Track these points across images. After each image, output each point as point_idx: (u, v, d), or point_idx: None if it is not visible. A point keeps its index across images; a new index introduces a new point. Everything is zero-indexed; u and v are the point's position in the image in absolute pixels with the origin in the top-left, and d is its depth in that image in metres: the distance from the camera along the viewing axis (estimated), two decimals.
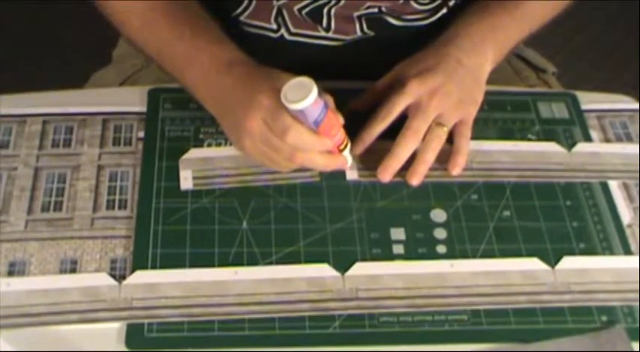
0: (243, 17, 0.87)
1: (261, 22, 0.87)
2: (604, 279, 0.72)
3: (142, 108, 0.82)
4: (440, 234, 0.74)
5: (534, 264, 0.73)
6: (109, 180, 0.76)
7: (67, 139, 0.79)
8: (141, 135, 0.80)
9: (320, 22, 0.85)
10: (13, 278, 0.69)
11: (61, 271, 0.69)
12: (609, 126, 0.85)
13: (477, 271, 0.72)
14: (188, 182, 0.76)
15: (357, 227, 0.74)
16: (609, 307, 0.70)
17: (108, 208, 0.74)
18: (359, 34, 0.87)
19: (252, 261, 0.71)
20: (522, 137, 0.83)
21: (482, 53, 0.80)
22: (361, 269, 0.71)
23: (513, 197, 0.77)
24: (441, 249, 0.73)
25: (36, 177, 0.76)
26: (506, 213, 0.76)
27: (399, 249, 0.73)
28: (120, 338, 0.66)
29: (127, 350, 0.65)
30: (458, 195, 0.77)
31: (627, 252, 0.74)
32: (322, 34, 0.87)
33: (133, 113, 0.82)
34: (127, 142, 0.79)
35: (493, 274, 0.72)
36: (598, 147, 0.83)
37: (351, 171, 0.78)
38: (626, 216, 0.77)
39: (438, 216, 0.76)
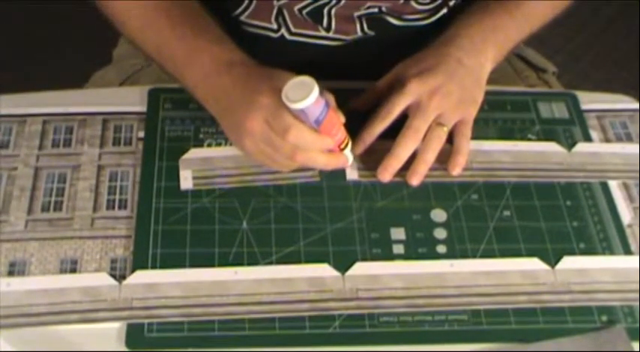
0: (244, 17, 0.87)
1: (262, 22, 0.87)
2: (604, 279, 0.72)
3: (142, 108, 0.82)
4: (440, 233, 0.74)
5: (534, 263, 0.73)
6: (109, 179, 0.76)
7: (67, 139, 0.79)
8: (141, 135, 0.80)
9: (320, 22, 0.85)
10: (13, 278, 0.69)
11: (61, 271, 0.69)
12: (609, 126, 0.85)
13: (477, 271, 0.72)
14: (188, 182, 0.76)
15: (357, 227, 0.74)
16: (609, 307, 0.70)
17: (108, 208, 0.74)
18: (359, 34, 0.87)
19: (253, 261, 0.71)
20: (522, 137, 0.83)
21: (483, 53, 0.80)
22: (361, 269, 0.71)
23: (513, 197, 0.77)
24: (441, 248, 0.73)
25: (36, 177, 0.76)
26: (506, 213, 0.76)
27: (399, 248, 0.73)
28: (120, 338, 0.66)
29: (127, 350, 0.65)
30: (458, 195, 0.77)
31: (627, 252, 0.74)
32: (323, 33, 0.87)
33: (133, 113, 0.82)
34: (127, 142, 0.79)
35: (493, 274, 0.72)
36: (598, 147, 0.83)
37: (351, 171, 0.78)
38: (626, 216, 0.77)
39: (438, 215, 0.76)
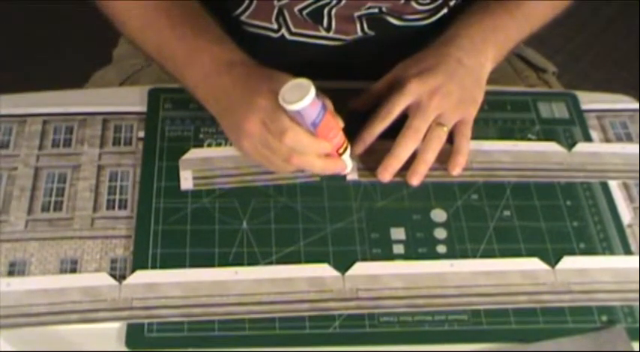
0: (244, 17, 0.87)
1: (262, 22, 0.87)
2: (604, 279, 0.72)
3: (142, 108, 0.82)
4: (440, 233, 0.74)
5: (534, 263, 0.73)
6: (109, 179, 0.76)
7: (67, 139, 0.79)
8: (141, 135, 0.80)
9: (321, 22, 0.85)
10: (13, 278, 0.69)
11: (61, 271, 0.69)
12: (609, 126, 0.85)
13: (477, 271, 0.72)
14: (188, 182, 0.76)
15: (357, 227, 0.74)
16: (609, 307, 0.70)
17: (108, 208, 0.74)
18: (359, 34, 0.87)
19: (253, 261, 0.71)
20: (522, 137, 0.83)
21: (483, 53, 0.80)
22: (361, 269, 0.71)
23: (513, 197, 0.77)
24: (441, 248, 0.73)
25: (36, 177, 0.76)
26: (506, 213, 0.76)
27: (399, 248, 0.73)
28: (120, 338, 0.66)
29: (127, 350, 0.65)
30: (458, 195, 0.77)
31: (627, 251, 0.74)
32: (323, 34, 0.87)
33: (133, 113, 0.82)
34: (127, 142, 0.79)
35: (493, 274, 0.72)
36: (598, 147, 0.83)
37: (351, 171, 0.78)
38: (626, 215, 0.77)
39: (438, 215, 0.76)
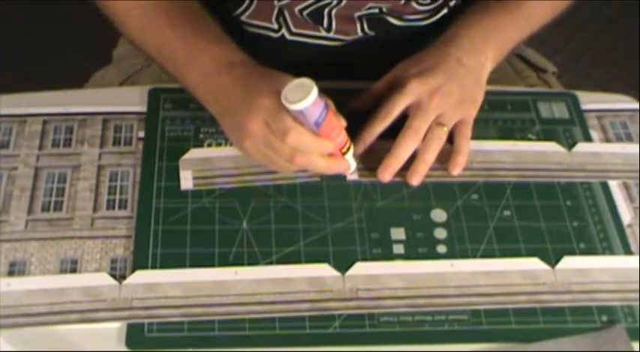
0: (244, 17, 0.87)
1: (263, 22, 0.87)
2: (604, 279, 0.72)
3: (142, 108, 0.82)
4: (440, 233, 0.74)
5: (534, 263, 0.73)
6: (110, 179, 0.76)
7: (67, 139, 0.79)
8: (141, 135, 0.80)
9: (321, 23, 0.85)
10: (13, 278, 0.69)
11: (62, 271, 0.69)
12: (609, 126, 0.85)
13: (477, 271, 0.72)
14: (188, 182, 0.76)
15: (357, 227, 0.74)
16: (609, 307, 0.70)
17: (108, 208, 0.74)
18: (360, 34, 0.87)
19: (253, 261, 0.71)
20: (522, 137, 0.83)
21: (483, 53, 0.80)
22: (361, 269, 0.71)
23: (513, 197, 0.77)
24: (441, 248, 0.73)
25: (36, 176, 0.76)
26: (506, 213, 0.76)
27: (399, 248, 0.73)
28: (120, 338, 0.66)
29: (127, 350, 0.65)
30: (458, 195, 0.77)
31: (627, 251, 0.74)
32: (323, 34, 0.87)
33: (133, 113, 0.82)
34: (127, 142, 0.79)
35: (493, 274, 0.72)
36: (598, 147, 0.83)
37: (352, 172, 0.78)
38: (626, 215, 0.77)
39: (438, 215, 0.76)
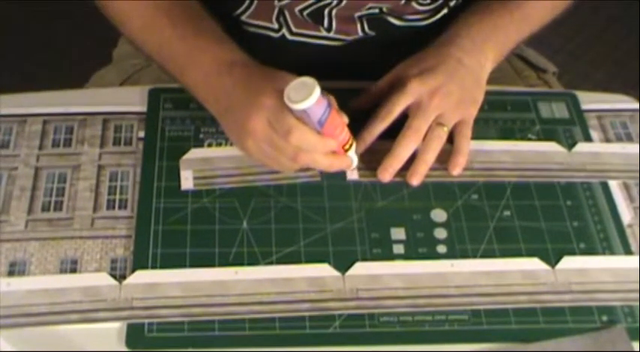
0: (245, 17, 0.87)
1: (263, 22, 0.87)
2: (604, 279, 0.72)
3: (142, 108, 0.82)
4: (440, 233, 0.74)
5: (534, 263, 0.73)
6: (110, 179, 0.76)
7: (67, 139, 0.79)
8: (141, 134, 0.80)
9: (321, 23, 0.85)
10: (14, 278, 0.69)
11: (62, 271, 0.69)
12: (609, 126, 0.85)
13: (477, 271, 0.72)
14: (189, 182, 0.76)
15: (357, 227, 0.74)
16: (609, 307, 0.70)
17: (108, 208, 0.74)
18: (360, 34, 0.87)
19: (253, 261, 0.71)
20: (522, 137, 0.83)
21: (483, 53, 0.80)
22: (361, 269, 0.71)
23: (514, 197, 0.77)
24: (442, 248, 0.73)
25: (36, 176, 0.76)
26: (506, 213, 0.76)
27: (399, 248, 0.73)
28: (120, 338, 0.66)
29: (127, 350, 0.65)
30: (458, 195, 0.77)
31: (627, 251, 0.74)
32: (323, 34, 0.87)
33: (133, 113, 0.82)
34: (127, 142, 0.79)
35: (493, 274, 0.72)
36: (598, 147, 0.83)
37: (352, 171, 0.78)
38: (626, 215, 0.77)
39: (439, 215, 0.76)
